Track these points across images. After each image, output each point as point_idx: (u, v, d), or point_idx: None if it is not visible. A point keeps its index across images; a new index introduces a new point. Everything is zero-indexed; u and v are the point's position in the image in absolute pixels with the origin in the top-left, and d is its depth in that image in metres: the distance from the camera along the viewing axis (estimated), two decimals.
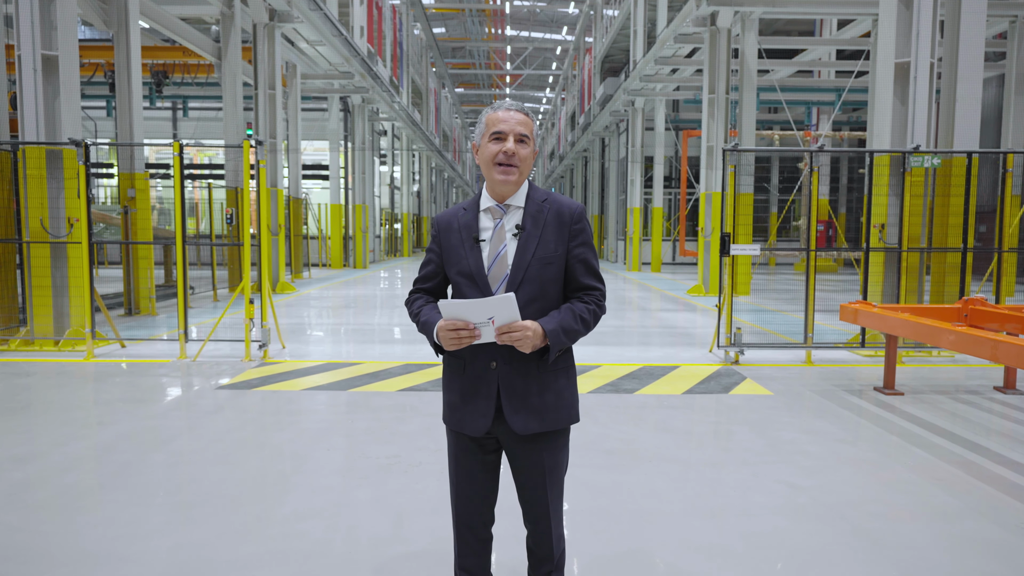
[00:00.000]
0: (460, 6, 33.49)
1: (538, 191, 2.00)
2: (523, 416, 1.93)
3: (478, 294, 1.91)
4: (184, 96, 22.14)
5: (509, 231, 1.95)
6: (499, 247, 1.93)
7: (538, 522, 2.05)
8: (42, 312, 7.23)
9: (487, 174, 1.94)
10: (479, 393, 1.94)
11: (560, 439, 2.03)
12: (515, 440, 1.98)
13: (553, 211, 1.95)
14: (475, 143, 2.01)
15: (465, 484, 2.05)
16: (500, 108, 1.95)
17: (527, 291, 1.90)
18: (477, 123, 2.02)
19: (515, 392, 1.92)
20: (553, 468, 2.02)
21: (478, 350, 1.93)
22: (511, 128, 1.91)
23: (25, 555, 2.81)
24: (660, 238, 20.61)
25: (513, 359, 1.92)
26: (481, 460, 2.03)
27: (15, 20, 7.10)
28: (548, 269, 1.92)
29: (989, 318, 5.46)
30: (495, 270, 1.92)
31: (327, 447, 4.20)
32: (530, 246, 1.91)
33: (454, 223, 1.99)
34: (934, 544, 2.97)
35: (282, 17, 13.45)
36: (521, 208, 1.96)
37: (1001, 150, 7.55)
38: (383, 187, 27.92)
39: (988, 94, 18.80)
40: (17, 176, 7.27)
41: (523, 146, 1.92)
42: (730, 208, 7.02)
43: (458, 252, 1.96)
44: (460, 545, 2.10)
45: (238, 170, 12.45)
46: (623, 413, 5.00)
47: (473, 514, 2.06)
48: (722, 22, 12.88)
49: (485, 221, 1.97)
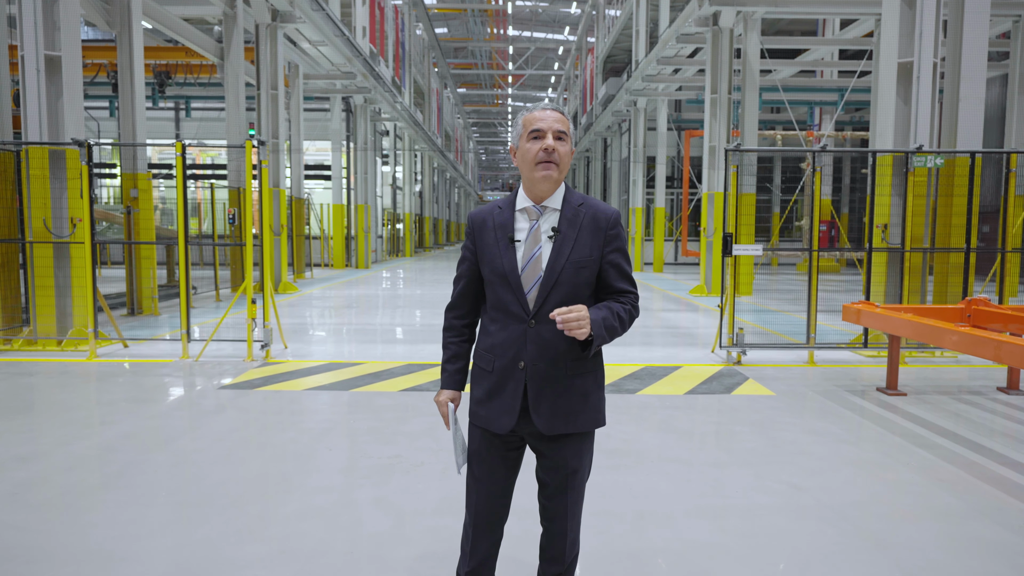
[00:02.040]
0: (462, 6, 33.50)
1: (575, 194, 2.00)
2: (549, 417, 1.93)
3: (511, 295, 1.92)
4: (187, 96, 22.16)
5: (545, 233, 1.95)
6: (534, 248, 1.93)
7: (554, 521, 2.05)
8: (45, 312, 7.24)
9: (527, 174, 1.95)
10: (506, 391, 1.95)
11: (586, 442, 2.03)
12: (540, 440, 1.99)
13: (589, 215, 1.96)
14: (512, 146, 2.01)
15: (486, 480, 2.04)
16: (536, 109, 1.96)
17: (560, 294, 1.90)
18: (512, 126, 2.03)
19: (543, 392, 1.93)
20: (576, 470, 2.02)
21: (507, 348, 1.94)
22: (549, 126, 1.91)
23: (28, 554, 2.81)
24: (662, 238, 20.58)
25: (542, 359, 1.92)
26: (503, 456, 2.04)
27: (18, 20, 7.12)
28: (582, 273, 1.92)
29: (992, 318, 5.44)
30: (529, 271, 1.92)
31: (329, 447, 4.20)
32: (565, 249, 1.91)
33: (489, 221, 1.99)
34: (937, 545, 2.96)
35: (284, 17, 13.46)
36: (558, 211, 1.96)
37: (1004, 150, 7.53)
38: (385, 187, 27.93)
39: (991, 94, 18.76)
40: (20, 176, 7.29)
41: (561, 143, 1.93)
42: (732, 208, 7.00)
43: (492, 251, 1.96)
44: (473, 542, 2.08)
45: (240, 170, 12.47)
46: (625, 413, 5.00)
47: (491, 510, 2.06)
48: (724, 22, 12.87)
49: (521, 221, 1.97)
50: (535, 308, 1.91)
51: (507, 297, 1.93)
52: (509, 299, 1.93)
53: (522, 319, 1.92)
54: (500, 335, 1.96)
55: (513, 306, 1.92)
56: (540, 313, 1.91)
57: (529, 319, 1.92)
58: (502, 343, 1.94)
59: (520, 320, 1.93)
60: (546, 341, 1.91)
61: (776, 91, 17.44)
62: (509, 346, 1.93)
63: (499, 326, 1.96)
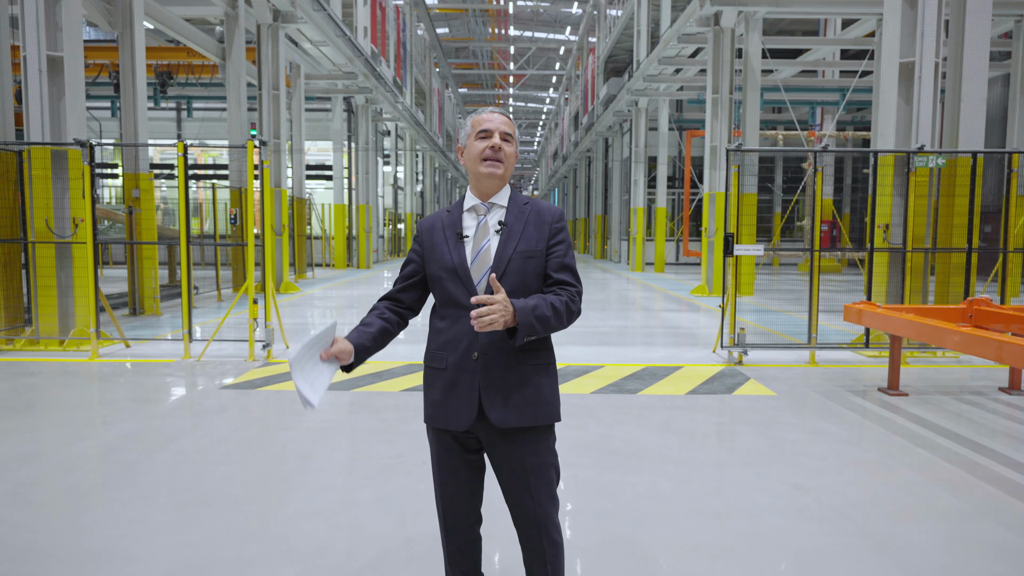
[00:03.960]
0: (463, 6, 33.51)
1: (520, 195, 2.08)
2: (501, 409, 1.95)
3: (461, 288, 1.96)
4: (188, 96, 22.22)
5: (492, 227, 2.01)
6: (482, 242, 1.99)
7: (526, 526, 2.02)
8: (47, 312, 7.25)
9: (473, 171, 2.03)
10: (461, 385, 1.97)
11: (542, 439, 2.02)
12: (495, 436, 1.98)
13: (534, 211, 2.04)
14: (460, 146, 2.10)
15: (450, 484, 2.06)
16: (484, 112, 2.06)
17: (509, 283, 1.95)
18: (461, 128, 2.12)
19: (494, 384, 1.95)
20: (538, 470, 2.00)
21: (459, 341, 1.96)
22: (496, 127, 2.02)
23: (30, 554, 2.82)
24: (663, 238, 20.58)
25: (492, 347, 1.95)
26: (465, 459, 2.05)
27: (20, 21, 7.12)
28: (530, 263, 1.98)
29: (994, 319, 5.44)
30: (478, 263, 1.97)
31: (330, 447, 4.21)
32: (512, 240, 1.98)
33: (438, 223, 2.07)
34: (938, 545, 2.96)
35: (286, 18, 13.48)
36: (504, 207, 2.04)
37: (1006, 150, 7.52)
38: (386, 187, 27.95)
39: (993, 94, 18.73)
40: (22, 176, 7.30)
41: (508, 144, 2.03)
42: (734, 208, 7.00)
43: (441, 249, 2.01)
44: (449, 546, 2.12)
45: (242, 170, 12.47)
46: (626, 413, 5.00)
47: (460, 514, 2.08)
48: (726, 22, 12.87)
49: (468, 220, 2.05)
50: None
51: (457, 291, 1.97)
52: (459, 292, 1.97)
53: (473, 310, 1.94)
54: (452, 330, 1.98)
55: (464, 298, 1.96)
56: None
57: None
58: (454, 337, 1.97)
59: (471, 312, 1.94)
60: (497, 332, 1.93)
61: (777, 91, 17.43)
62: (461, 338, 1.96)
63: (450, 321, 1.99)
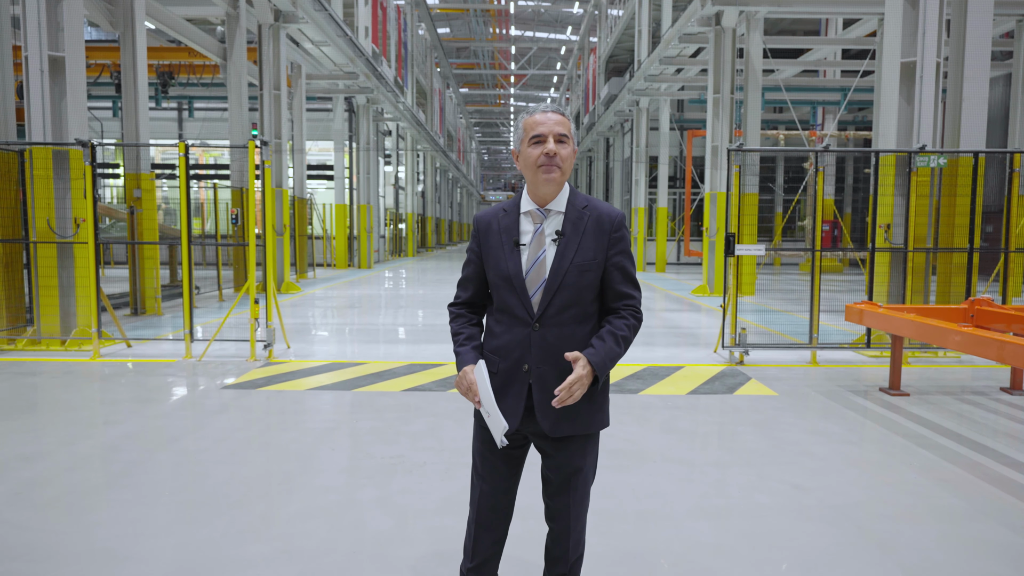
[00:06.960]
0: (465, 6, 33.51)
1: (579, 196, 2.01)
2: (554, 418, 1.94)
3: (515, 299, 1.93)
4: (190, 97, 22.23)
5: (549, 236, 1.95)
6: (538, 252, 1.94)
7: (557, 520, 2.07)
8: (48, 312, 7.26)
9: (530, 178, 1.95)
10: (510, 393, 1.96)
11: (590, 443, 2.05)
12: (545, 439, 2.00)
13: (593, 218, 1.96)
14: (514, 150, 2.02)
15: (489, 476, 2.06)
16: (536, 111, 1.96)
17: (563, 297, 1.91)
18: (514, 130, 2.03)
19: (548, 394, 1.93)
20: (580, 469, 2.02)
21: (511, 351, 1.95)
22: (550, 129, 1.91)
23: (32, 553, 2.83)
24: (664, 238, 20.58)
25: (545, 363, 1.93)
26: (506, 454, 2.05)
27: (22, 21, 7.13)
28: (585, 276, 1.93)
29: (995, 319, 5.43)
30: (533, 275, 1.93)
31: (332, 447, 4.21)
32: (569, 252, 1.92)
33: (494, 224, 2.00)
34: (940, 545, 2.96)
35: (287, 18, 13.48)
36: (562, 213, 1.97)
37: (1008, 150, 7.51)
38: (387, 187, 27.93)
39: (995, 93, 18.70)
40: (24, 176, 7.30)
41: (563, 146, 1.93)
42: (735, 208, 7.00)
43: (497, 254, 1.97)
44: (475, 539, 2.09)
45: (243, 170, 12.48)
46: (628, 413, 5.00)
47: (494, 507, 2.07)
48: (727, 22, 12.86)
49: (525, 225, 1.98)
50: (539, 312, 1.92)
51: (511, 300, 1.94)
52: (513, 302, 1.94)
53: (526, 322, 1.93)
54: (504, 337, 1.97)
55: (517, 309, 1.93)
56: (544, 317, 1.92)
57: (533, 323, 1.93)
58: (506, 345, 1.95)
59: (524, 324, 1.94)
60: (550, 345, 1.92)
61: (779, 91, 17.40)
62: (513, 348, 1.94)
63: (504, 328, 1.97)
